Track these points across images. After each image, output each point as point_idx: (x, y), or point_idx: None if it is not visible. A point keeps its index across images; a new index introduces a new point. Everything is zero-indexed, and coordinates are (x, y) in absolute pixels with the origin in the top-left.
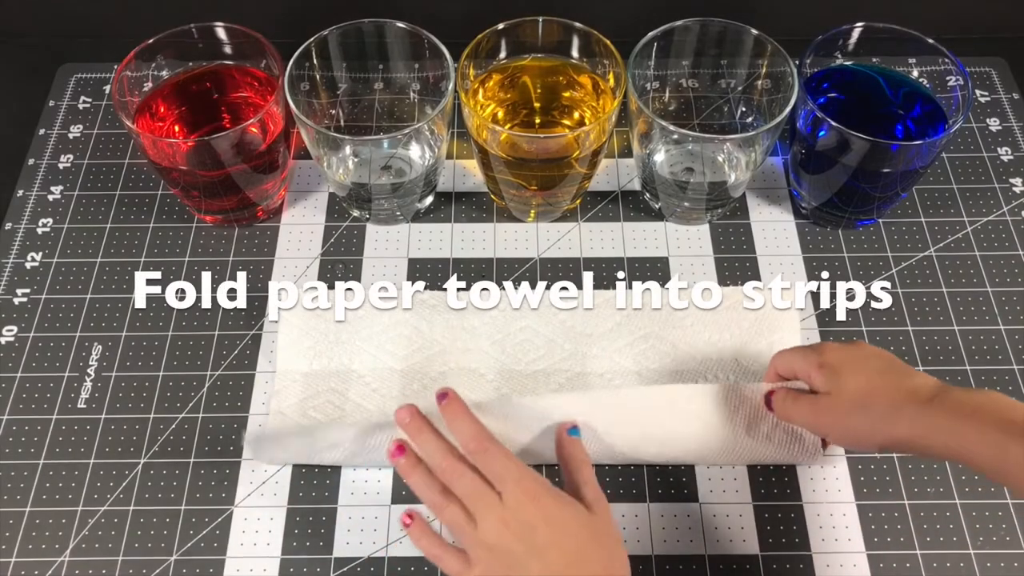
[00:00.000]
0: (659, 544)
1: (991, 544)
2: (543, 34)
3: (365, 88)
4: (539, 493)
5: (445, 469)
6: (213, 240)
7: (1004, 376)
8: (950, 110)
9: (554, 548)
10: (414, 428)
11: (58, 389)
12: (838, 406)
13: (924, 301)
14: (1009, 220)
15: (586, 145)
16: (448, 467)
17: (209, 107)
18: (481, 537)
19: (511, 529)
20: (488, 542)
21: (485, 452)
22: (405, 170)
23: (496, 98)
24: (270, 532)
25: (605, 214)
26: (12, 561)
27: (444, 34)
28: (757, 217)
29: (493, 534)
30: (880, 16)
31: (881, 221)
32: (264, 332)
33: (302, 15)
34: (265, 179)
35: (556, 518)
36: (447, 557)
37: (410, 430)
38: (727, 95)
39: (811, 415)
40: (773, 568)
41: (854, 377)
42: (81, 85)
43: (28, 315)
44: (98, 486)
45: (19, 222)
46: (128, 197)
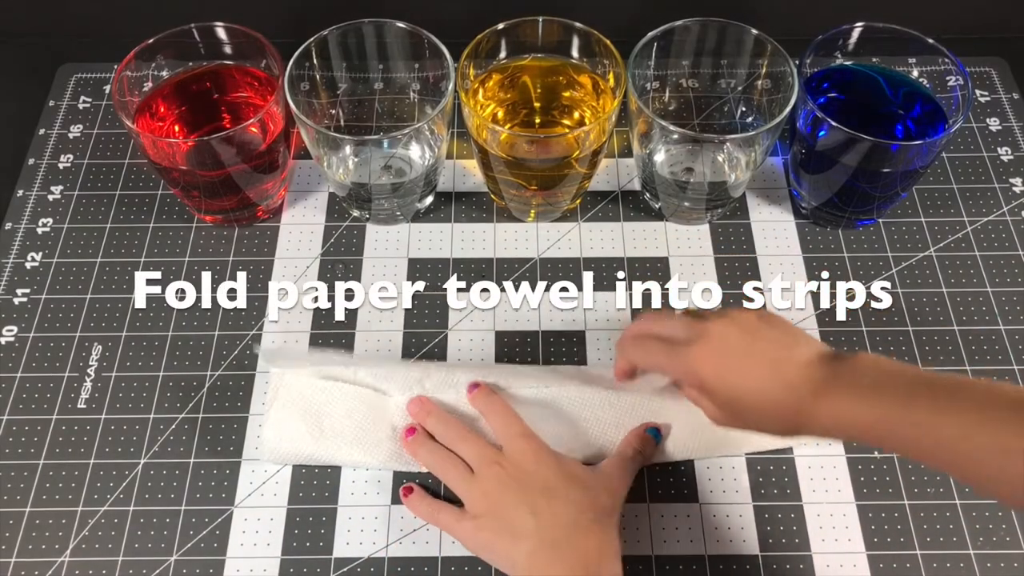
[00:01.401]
0: (659, 544)
1: (991, 544)
2: (543, 34)
3: (365, 88)
4: (539, 448)
5: (451, 437)
6: (213, 240)
7: (1004, 376)
8: (950, 110)
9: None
10: (423, 413)
11: (58, 389)
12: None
13: (924, 301)
14: (1009, 220)
15: (586, 145)
16: (453, 434)
17: (209, 107)
18: (480, 486)
19: (510, 476)
20: (485, 489)
21: (492, 412)
22: (405, 170)
23: (496, 98)
24: (270, 532)
25: (605, 214)
26: (12, 561)
27: (444, 34)
28: (757, 217)
29: (492, 482)
30: (880, 16)
31: (881, 221)
32: (264, 332)
33: (302, 15)
34: (265, 179)
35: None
36: (444, 512)
37: (419, 416)
38: (727, 95)
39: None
40: (773, 568)
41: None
42: (81, 85)
43: (28, 315)
44: (98, 486)
45: (19, 222)
46: (128, 197)
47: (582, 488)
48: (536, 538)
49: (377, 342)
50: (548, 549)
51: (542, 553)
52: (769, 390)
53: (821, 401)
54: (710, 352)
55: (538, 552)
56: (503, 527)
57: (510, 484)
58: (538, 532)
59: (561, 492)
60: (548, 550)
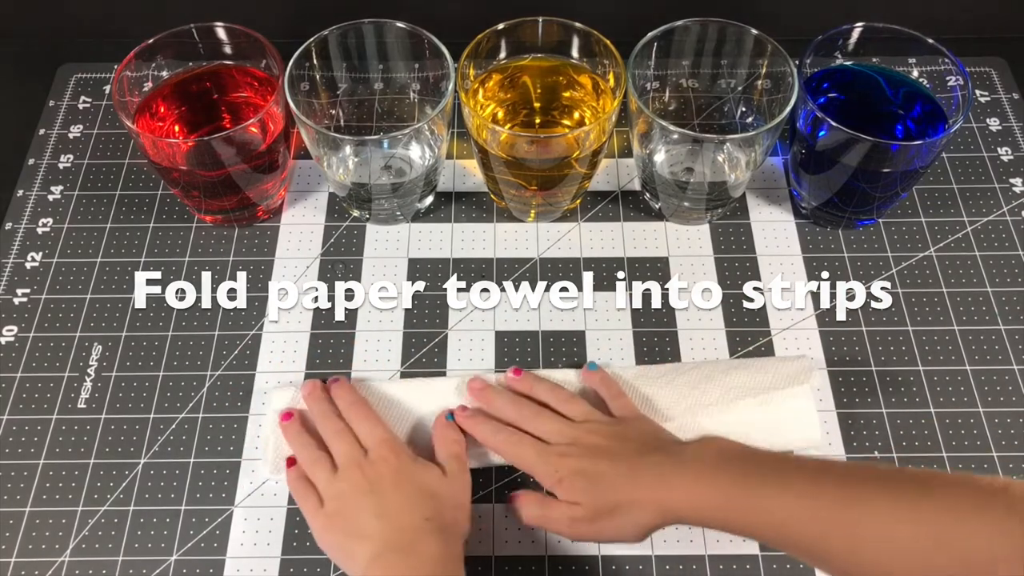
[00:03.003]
0: (659, 544)
1: None
2: (543, 34)
3: (365, 88)
4: (397, 451)
5: (327, 432)
6: (213, 240)
7: (1004, 376)
8: (950, 110)
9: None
10: (312, 398)
11: (58, 389)
12: (587, 516)
13: (924, 301)
14: (1009, 220)
15: (586, 145)
16: (329, 429)
17: (209, 107)
18: (337, 486)
19: (367, 479)
20: (341, 489)
21: (360, 418)
22: (405, 170)
23: (496, 98)
24: (270, 532)
25: (605, 214)
26: (12, 561)
27: (444, 34)
28: (757, 217)
29: (348, 484)
30: (880, 16)
31: (881, 221)
32: (264, 332)
33: (302, 15)
34: (265, 179)
35: (400, 473)
36: (308, 500)
37: (308, 400)
38: (727, 95)
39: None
40: (773, 568)
41: (593, 487)
42: (81, 85)
43: (28, 315)
44: (98, 486)
45: (19, 222)
46: (128, 197)
47: (431, 498)
48: (380, 541)
49: (377, 342)
50: (390, 553)
51: (384, 557)
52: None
53: (673, 489)
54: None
55: (381, 556)
56: (351, 529)
57: (364, 488)
58: (382, 535)
59: (411, 501)
60: (390, 554)
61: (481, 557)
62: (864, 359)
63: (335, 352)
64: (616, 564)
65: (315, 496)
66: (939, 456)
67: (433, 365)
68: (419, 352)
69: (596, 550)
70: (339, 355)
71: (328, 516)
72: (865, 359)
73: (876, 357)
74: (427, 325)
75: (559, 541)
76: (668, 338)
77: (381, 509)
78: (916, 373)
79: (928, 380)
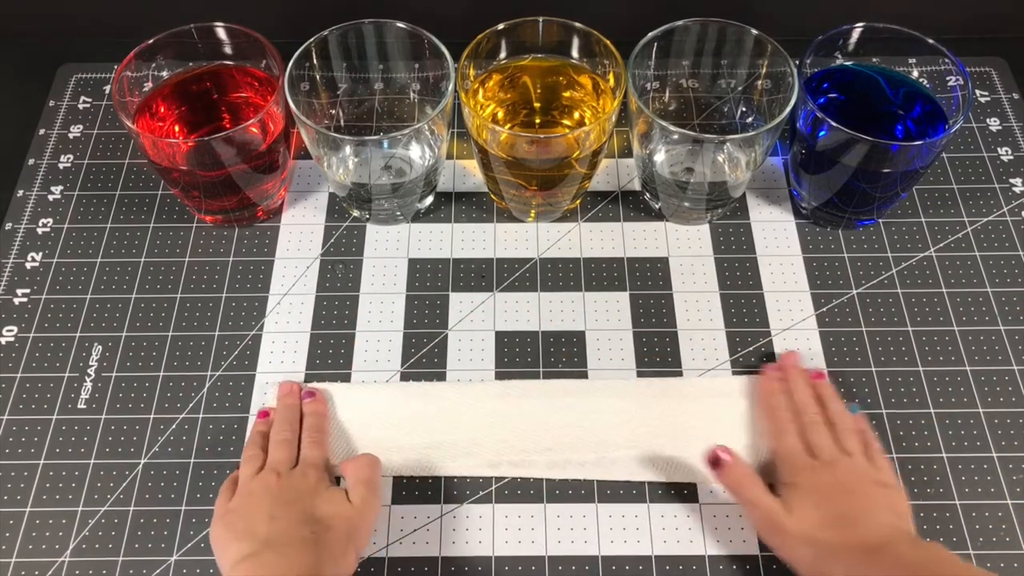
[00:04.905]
0: (659, 544)
1: (991, 544)
2: (543, 34)
3: (365, 88)
4: (319, 477)
5: (275, 434)
6: (213, 240)
7: (1004, 376)
8: (950, 110)
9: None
10: (282, 402)
11: (58, 389)
12: (789, 527)
13: (924, 301)
14: (1009, 220)
15: (586, 145)
16: (277, 434)
17: (209, 107)
18: (250, 486)
19: (279, 489)
20: (251, 490)
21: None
22: (405, 170)
23: (496, 98)
24: None
25: (605, 214)
26: (12, 561)
27: (444, 34)
28: (757, 217)
29: (261, 488)
30: (880, 16)
31: (881, 221)
32: (264, 332)
33: (302, 15)
34: (265, 179)
35: (312, 494)
36: (226, 487)
37: (279, 400)
38: (727, 95)
39: (761, 517)
40: (773, 568)
41: (815, 511)
42: (81, 85)
43: (28, 315)
44: (98, 486)
45: (19, 222)
46: (128, 197)
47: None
48: (259, 542)
49: (377, 342)
50: (266, 552)
51: (258, 556)
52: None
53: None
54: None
55: (254, 555)
56: (240, 526)
57: (271, 494)
58: (265, 537)
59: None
60: (266, 553)
61: (481, 557)
62: (864, 359)
63: (335, 352)
64: (616, 564)
65: (233, 488)
66: (939, 456)
67: (433, 365)
68: (419, 352)
69: (596, 550)
70: (339, 355)
71: (228, 510)
72: (865, 359)
73: (876, 357)
74: (427, 325)
75: (559, 541)
76: (668, 338)
77: (274, 514)
78: (916, 373)
79: (928, 380)
